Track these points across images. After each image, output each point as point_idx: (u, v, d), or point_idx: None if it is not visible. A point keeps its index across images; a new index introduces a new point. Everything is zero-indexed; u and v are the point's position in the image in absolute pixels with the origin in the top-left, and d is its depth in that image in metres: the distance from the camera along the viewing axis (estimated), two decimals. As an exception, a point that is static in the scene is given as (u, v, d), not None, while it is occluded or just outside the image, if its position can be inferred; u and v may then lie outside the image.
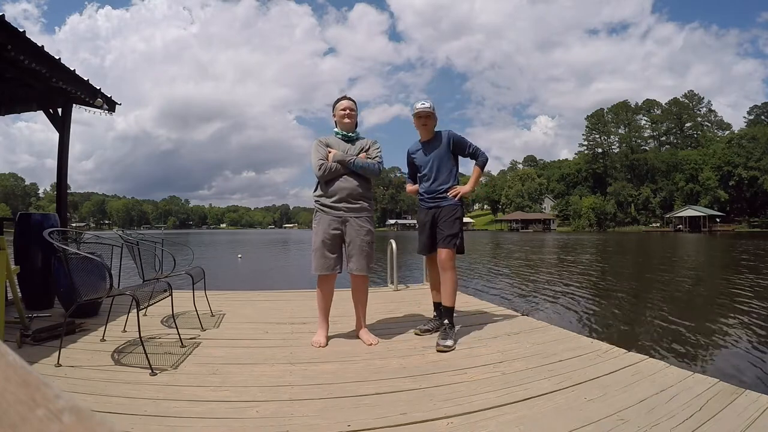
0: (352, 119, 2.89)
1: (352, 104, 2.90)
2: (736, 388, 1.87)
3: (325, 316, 2.79)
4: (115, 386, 1.92)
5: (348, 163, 2.73)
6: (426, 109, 2.96)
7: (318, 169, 2.74)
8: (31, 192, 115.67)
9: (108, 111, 4.67)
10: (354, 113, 2.90)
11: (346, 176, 2.75)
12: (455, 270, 2.87)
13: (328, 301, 2.80)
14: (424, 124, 3.00)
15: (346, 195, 2.74)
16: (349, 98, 2.93)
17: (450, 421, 1.64)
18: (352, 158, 2.75)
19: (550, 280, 9.80)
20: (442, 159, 2.99)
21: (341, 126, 2.89)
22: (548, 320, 4.05)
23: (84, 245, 3.50)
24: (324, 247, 2.71)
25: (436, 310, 3.11)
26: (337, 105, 2.91)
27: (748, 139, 55.53)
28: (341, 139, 2.87)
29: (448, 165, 3.01)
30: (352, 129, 2.91)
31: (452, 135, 3.01)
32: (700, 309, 6.54)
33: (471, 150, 3.04)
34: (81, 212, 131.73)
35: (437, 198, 2.98)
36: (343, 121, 2.87)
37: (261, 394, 1.90)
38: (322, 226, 2.74)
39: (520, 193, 76.20)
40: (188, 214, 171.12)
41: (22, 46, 3.18)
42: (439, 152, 3.00)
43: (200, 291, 3.38)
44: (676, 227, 54.92)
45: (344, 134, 2.88)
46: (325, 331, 2.76)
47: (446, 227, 2.88)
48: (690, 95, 73.06)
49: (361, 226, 2.75)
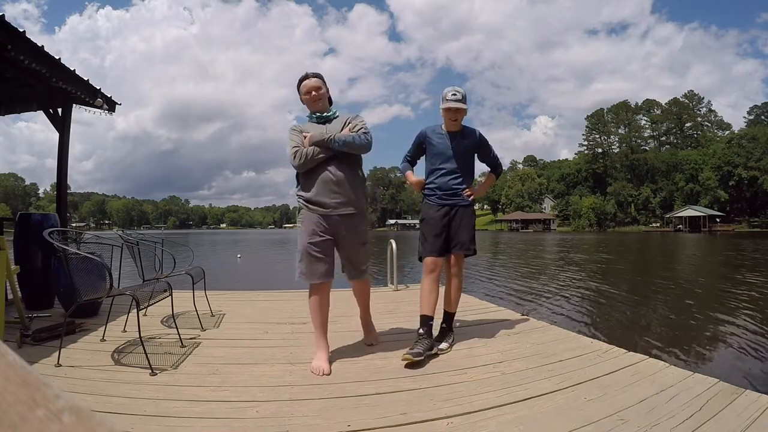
0: (321, 98, 2.47)
1: (317, 82, 2.47)
2: (736, 388, 1.86)
3: (322, 332, 2.33)
4: (115, 386, 1.92)
5: (328, 141, 2.30)
6: (457, 102, 2.62)
7: (294, 158, 2.32)
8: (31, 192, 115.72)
9: (108, 111, 4.67)
10: (322, 91, 2.48)
11: (330, 166, 2.33)
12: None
13: (324, 314, 2.35)
14: (454, 119, 2.69)
15: (332, 188, 2.32)
16: (312, 75, 2.49)
17: (450, 421, 1.64)
18: (331, 135, 2.33)
19: (550, 280, 9.80)
20: (467, 155, 2.76)
21: (311, 108, 2.50)
22: (548, 320, 4.05)
23: (84, 245, 3.50)
24: (311, 251, 2.29)
25: (424, 325, 2.52)
26: (300, 88, 2.50)
27: (748, 139, 55.54)
28: (316, 122, 2.48)
29: (470, 163, 2.79)
30: (326, 108, 2.52)
31: (482, 136, 2.81)
32: (700, 309, 6.54)
33: (492, 156, 2.88)
34: (81, 212, 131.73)
35: (456, 196, 2.70)
36: (312, 102, 2.47)
37: (261, 394, 1.90)
38: (307, 227, 2.33)
39: (520, 193, 76.19)
40: (188, 214, 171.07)
41: (22, 46, 3.18)
42: (466, 148, 2.74)
43: (200, 291, 3.38)
44: (676, 227, 54.93)
45: (318, 115, 2.48)
46: (326, 352, 2.29)
47: (467, 231, 2.67)
48: (690, 95, 73.10)
49: (353, 225, 2.39)
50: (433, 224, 2.68)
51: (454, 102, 2.63)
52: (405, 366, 2.26)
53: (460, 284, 2.77)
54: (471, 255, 2.73)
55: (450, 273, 2.75)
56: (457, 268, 2.71)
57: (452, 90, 2.66)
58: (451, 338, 2.68)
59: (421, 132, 2.85)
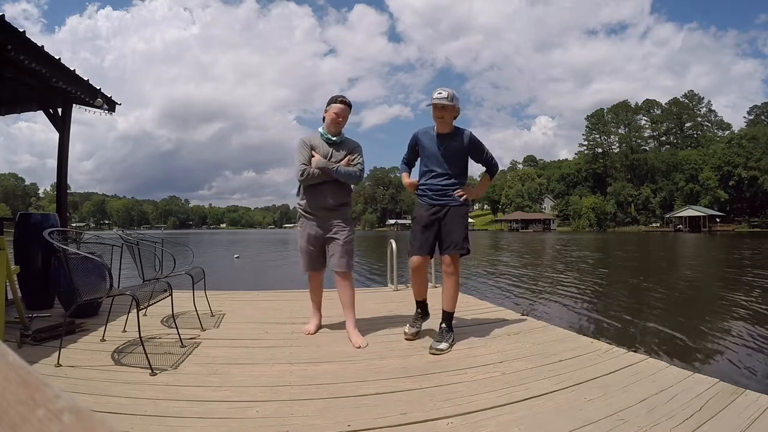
0: (341, 125, 2.87)
1: (346, 111, 2.86)
2: (736, 388, 1.86)
3: (316, 307, 3.06)
4: (115, 386, 1.92)
5: (331, 170, 2.76)
6: (441, 100, 2.69)
7: (300, 175, 2.78)
8: (31, 192, 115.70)
9: (108, 111, 4.67)
10: (345, 120, 2.88)
11: (327, 183, 2.80)
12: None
13: (317, 294, 3.06)
14: (440, 116, 2.73)
15: (327, 202, 2.82)
16: (346, 102, 2.87)
17: (450, 421, 1.64)
18: (335, 166, 2.77)
19: (550, 280, 9.80)
20: (457, 157, 2.80)
21: (328, 128, 2.87)
22: (548, 320, 4.05)
23: (84, 245, 3.50)
24: (307, 250, 2.90)
25: (418, 307, 2.96)
26: (333, 106, 2.85)
27: (748, 139, 55.56)
28: (325, 142, 2.87)
29: (461, 165, 2.84)
30: (338, 134, 2.90)
31: (472, 136, 2.80)
32: (700, 309, 6.54)
33: (486, 157, 2.89)
34: (81, 212, 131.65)
35: (446, 196, 2.77)
36: (332, 124, 2.84)
37: (261, 394, 1.90)
38: (304, 230, 2.90)
39: (520, 193, 76.22)
40: (188, 214, 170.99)
41: (22, 46, 3.18)
42: (455, 149, 2.79)
43: (200, 291, 3.38)
44: (676, 227, 54.93)
45: (328, 137, 2.86)
46: (317, 320, 3.03)
47: (458, 230, 2.71)
48: (690, 95, 73.11)
49: (339, 228, 2.85)
50: (423, 224, 2.78)
51: (438, 99, 2.69)
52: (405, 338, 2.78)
53: (456, 283, 2.76)
54: (465, 254, 2.75)
55: (444, 273, 2.76)
56: (452, 267, 2.72)
57: (439, 90, 2.75)
58: (451, 338, 2.67)
59: (414, 134, 2.94)
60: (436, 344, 2.56)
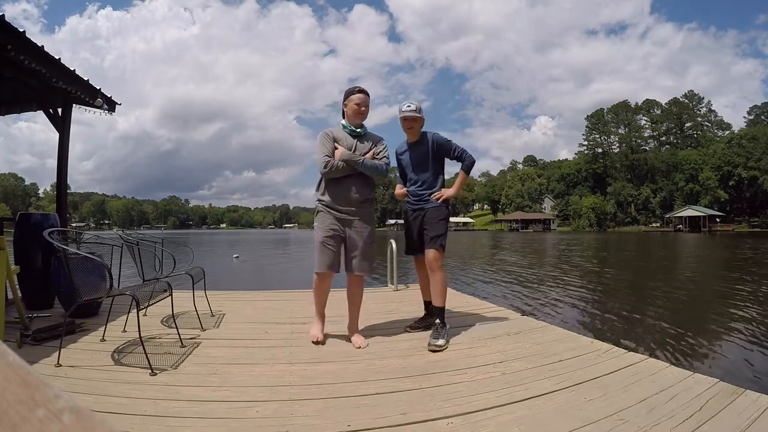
0: (364, 114, 2.76)
1: (366, 99, 2.76)
2: (736, 388, 1.86)
3: (320, 312, 2.82)
4: (115, 386, 1.92)
5: (356, 162, 2.64)
6: (410, 112, 2.90)
7: (323, 167, 2.63)
8: (31, 192, 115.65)
9: (108, 111, 4.67)
10: (367, 109, 2.77)
11: (351, 177, 2.68)
12: (443, 270, 2.89)
13: (324, 298, 2.81)
14: (409, 127, 2.96)
15: (350, 197, 2.68)
16: (364, 91, 2.77)
17: (450, 421, 1.64)
18: (360, 158, 2.66)
19: (550, 280, 9.80)
20: (425, 161, 2.98)
21: (351, 120, 2.76)
22: (548, 320, 4.05)
23: (84, 245, 3.50)
24: (325, 246, 2.68)
25: (426, 309, 3.15)
26: (352, 97, 2.74)
27: (748, 139, 55.54)
28: (349, 134, 2.76)
29: (431, 168, 2.99)
30: (362, 125, 2.81)
31: (435, 138, 2.96)
32: (700, 309, 6.54)
33: (456, 153, 3.00)
34: (81, 212, 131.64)
35: (422, 200, 2.98)
36: (355, 115, 2.73)
37: (261, 394, 1.90)
38: (323, 225, 2.70)
39: (520, 193, 76.22)
40: (188, 214, 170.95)
41: (22, 46, 3.18)
42: (422, 154, 2.98)
43: (200, 291, 3.38)
44: (676, 227, 54.92)
45: (352, 129, 2.77)
46: (321, 326, 2.81)
47: (432, 229, 2.87)
48: (690, 95, 73.10)
49: (363, 227, 2.72)
50: (408, 227, 3.11)
51: (408, 112, 2.91)
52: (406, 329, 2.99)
53: (440, 278, 2.85)
54: (438, 249, 2.85)
55: (427, 269, 2.90)
56: (432, 263, 2.84)
57: (407, 102, 2.97)
58: (445, 333, 2.69)
59: (395, 152, 3.19)
60: (434, 341, 2.59)
